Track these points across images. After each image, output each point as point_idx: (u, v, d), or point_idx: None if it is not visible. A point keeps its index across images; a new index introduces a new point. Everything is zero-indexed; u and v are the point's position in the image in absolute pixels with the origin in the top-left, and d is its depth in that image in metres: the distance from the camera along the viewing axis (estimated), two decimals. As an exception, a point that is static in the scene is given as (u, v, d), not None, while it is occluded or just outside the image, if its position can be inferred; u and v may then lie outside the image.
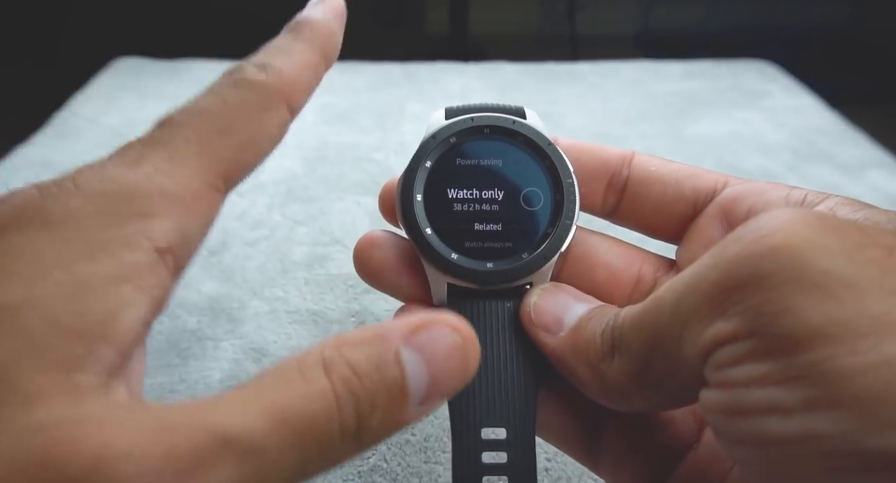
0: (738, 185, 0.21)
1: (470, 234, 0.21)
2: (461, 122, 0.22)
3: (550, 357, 0.20)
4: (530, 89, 0.65)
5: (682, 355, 0.15)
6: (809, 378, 0.12)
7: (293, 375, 0.14)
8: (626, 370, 0.17)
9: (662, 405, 0.18)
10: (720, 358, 0.14)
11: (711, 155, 0.54)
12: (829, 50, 1.31)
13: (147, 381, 0.32)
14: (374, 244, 0.22)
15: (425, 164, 0.22)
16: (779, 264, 0.13)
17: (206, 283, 0.38)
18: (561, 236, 0.21)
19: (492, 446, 0.20)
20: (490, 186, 0.22)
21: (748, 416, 0.13)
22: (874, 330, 0.12)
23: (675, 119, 0.60)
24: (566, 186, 0.22)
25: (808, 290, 0.13)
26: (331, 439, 0.14)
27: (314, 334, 0.35)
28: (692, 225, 0.22)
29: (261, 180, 0.48)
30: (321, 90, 0.20)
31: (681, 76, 0.70)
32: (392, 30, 1.31)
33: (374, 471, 0.28)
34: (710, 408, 0.15)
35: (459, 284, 0.21)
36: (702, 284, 0.15)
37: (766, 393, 0.13)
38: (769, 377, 0.13)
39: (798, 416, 0.12)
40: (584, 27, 1.25)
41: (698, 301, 0.15)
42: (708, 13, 1.31)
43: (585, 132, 0.57)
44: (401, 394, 0.15)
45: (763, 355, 0.13)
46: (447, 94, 0.63)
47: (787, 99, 0.65)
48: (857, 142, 0.58)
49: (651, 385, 0.17)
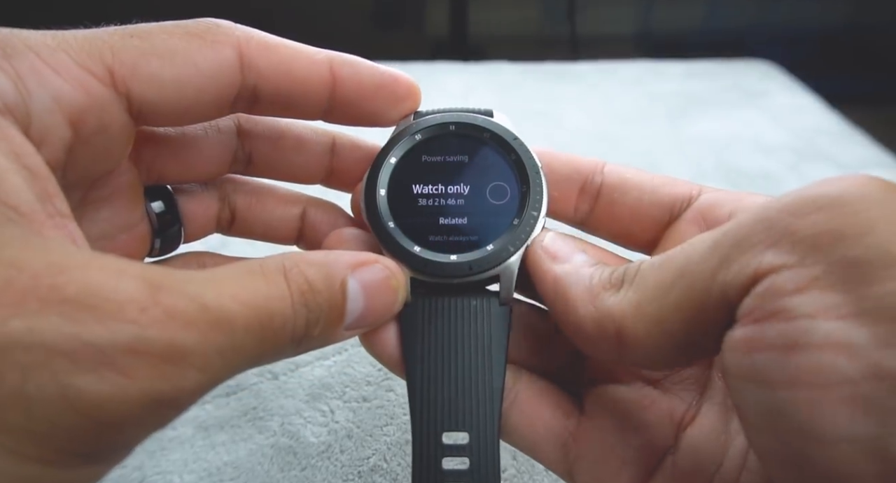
0: (714, 192, 0.22)
1: (434, 228, 0.21)
2: (427, 119, 0.22)
3: (548, 285, 0.19)
4: (530, 89, 0.65)
5: (713, 286, 0.14)
6: (887, 312, 0.11)
7: (257, 274, 0.16)
8: (632, 299, 0.16)
9: (656, 348, 0.16)
10: (776, 284, 0.13)
11: (711, 155, 0.54)
12: (829, 50, 1.31)
13: (147, 381, 0.32)
14: (341, 240, 0.22)
15: (390, 161, 0.22)
16: (861, 191, 0.12)
17: (206, 283, 0.38)
18: (527, 227, 0.21)
19: (453, 452, 0.19)
20: (456, 181, 0.22)
21: (807, 351, 0.12)
22: None
23: (675, 119, 0.60)
24: (532, 178, 0.21)
25: (891, 217, 0.12)
26: (282, 339, 0.16)
27: (314, 334, 0.35)
28: (669, 230, 0.22)
29: (261, 180, 0.48)
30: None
31: (681, 76, 0.70)
32: (392, 30, 1.31)
33: (374, 471, 0.28)
34: (750, 345, 0.13)
35: (422, 279, 0.21)
36: (765, 212, 0.14)
37: (834, 326, 0.12)
38: (838, 309, 0.12)
39: (869, 354, 0.11)
40: (584, 27, 1.25)
41: (755, 227, 0.14)
42: (708, 13, 1.31)
43: (585, 132, 0.57)
44: (339, 315, 0.17)
45: (832, 284, 0.12)
46: (447, 94, 0.63)
47: (787, 99, 0.65)
48: (857, 142, 0.58)
49: (655, 319, 0.16)
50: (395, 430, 0.30)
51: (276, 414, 0.30)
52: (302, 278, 0.16)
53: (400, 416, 0.30)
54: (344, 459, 0.29)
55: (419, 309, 0.21)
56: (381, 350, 0.21)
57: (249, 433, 0.30)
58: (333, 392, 0.32)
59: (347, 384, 0.32)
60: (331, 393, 0.32)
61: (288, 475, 0.28)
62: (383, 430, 0.30)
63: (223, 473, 0.28)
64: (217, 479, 0.28)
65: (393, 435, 0.30)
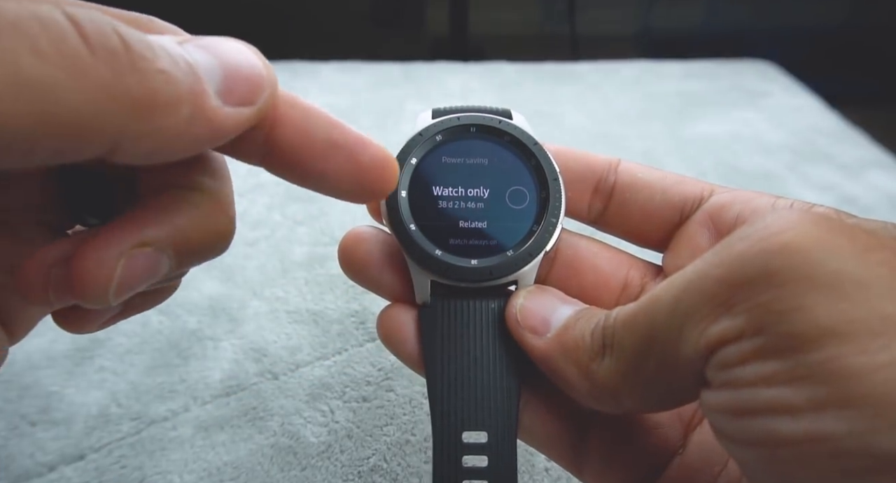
0: (725, 193, 0.21)
1: (455, 231, 0.21)
2: (447, 120, 0.22)
3: (537, 360, 0.20)
4: (530, 89, 0.65)
5: (680, 354, 0.15)
6: (818, 377, 0.12)
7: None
8: (618, 369, 0.17)
9: (654, 406, 0.18)
10: (725, 357, 0.14)
11: (711, 155, 0.54)
12: (829, 50, 1.31)
13: (147, 380, 0.32)
14: (359, 239, 0.22)
15: (411, 161, 0.22)
16: (789, 262, 0.13)
17: (206, 283, 0.38)
18: (546, 234, 0.21)
19: (472, 450, 0.20)
20: (476, 184, 0.22)
21: (755, 417, 0.13)
22: (885, 330, 0.12)
23: (675, 119, 0.60)
24: (551, 185, 0.22)
25: (818, 288, 0.13)
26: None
27: (314, 334, 0.35)
28: (679, 231, 0.22)
29: (261, 180, 0.48)
30: (321, 90, 0.20)
31: (681, 76, 0.70)
32: (392, 30, 1.31)
33: (374, 471, 0.28)
34: (714, 408, 0.14)
35: (443, 282, 0.21)
36: (705, 281, 0.14)
37: (774, 392, 0.13)
38: (777, 376, 0.13)
39: (807, 416, 0.12)
40: (584, 27, 1.25)
41: (701, 298, 0.14)
42: (708, 13, 1.31)
43: (585, 132, 0.57)
44: (196, 77, 0.14)
45: (771, 354, 0.13)
46: (447, 94, 0.63)
47: (787, 99, 0.65)
48: (857, 142, 0.58)
49: (644, 385, 0.17)
50: (395, 430, 0.30)
51: (276, 414, 0.30)
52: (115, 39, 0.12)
53: (400, 416, 0.30)
54: (344, 459, 0.29)
55: (438, 310, 0.21)
56: (401, 348, 0.21)
57: (249, 433, 0.30)
58: (333, 392, 0.32)
59: (347, 384, 0.32)
60: (331, 393, 0.32)
61: (288, 475, 0.28)
62: (383, 430, 0.30)
63: (223, 473, 0.28)
64: (217, 479, 0.28)
65: (393, 435, 0.30)
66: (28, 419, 0.30)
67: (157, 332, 0.35)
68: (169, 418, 0.30)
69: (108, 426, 0.30)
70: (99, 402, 0.31)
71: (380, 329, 0.22)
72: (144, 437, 0.29)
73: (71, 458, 0.29)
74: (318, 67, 0.68)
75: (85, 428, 0.30)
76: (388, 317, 0.22)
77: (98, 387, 0.32)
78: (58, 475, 0.28)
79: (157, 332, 0.35)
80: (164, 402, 0.31)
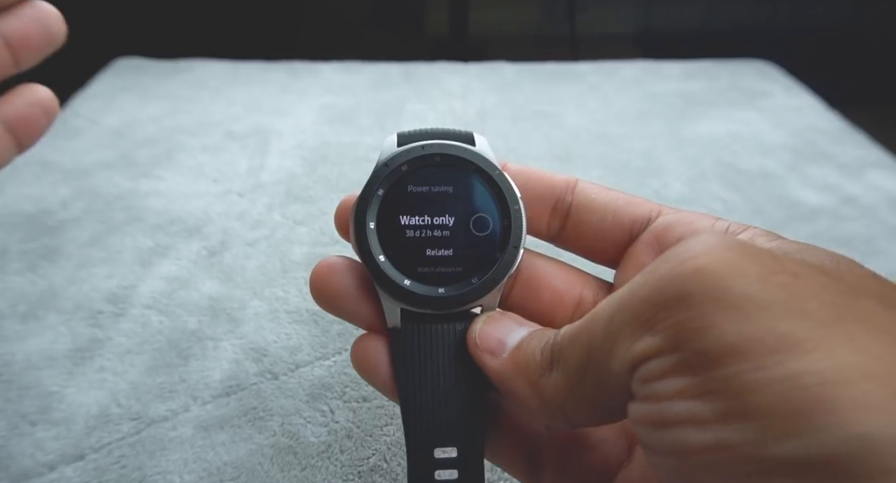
0: (671, 214, 0.23)
1: (422, 259, 0.22)
2: (413, 150, 0.23)
3: (493, 379, 0.21)
4: (530, 89, 0.65)
5: (612, 369, 0.16)
6: (723, 391, 0.13)
7: None
8: (563, 384, 0.18)
9: (597, 419, 0.19)
10: (646, 372, 0.15)
11: (711, 155, 0.54)
12: (829, 50, 1.31)
13: (147, 380, 0.32)
14: (332, 271, 0.23)
15: (378, 193, 0.22)
16: (701, 284, 0.14)
17: (206, 283, 0.38)
18: (509, 261, 0.22)
19: (444, 465, 0.21)
20: (441, 213, 0.23)
21: (670, 428, 0.14)
22: (780, 348, 0.13)
23: (675, 119, 0.60)
24: (513, 212, 0.22)
25: (725, 309, 0.14)
26: None
27: (314, 334, 0.35)
28: (628, 251, 0.23)
29: (261, 180, 0.48)
30: (321, 90, 0.20)
31: (680, 76, 0.70)
32: (392, 30, 1.31)
33: (374, 471, 0.28)
34: (638, 420, 0.15)
35: (412, 310, 0.22)
36: (632, 301, 0.16)
37: (687, 405, 0.14)
38: (689, 390, 0.14)
39: (712, 427, 0.13)
40: (584, 27, 1.25)
41: (629, 316, 0.16)
42: (708, 13, 1.31)
43: (585, 132, 0.57)
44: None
45: (684, 369, 0.14)
46: (447, 94, 0.63)
47: (786, 99, 0.65)
48: (857, 142, 0.58)
49: (586, 399, 0.18)
50: (395, 430, 0.30)
51: (276, 414, 0.31)
52: None
53: (400, 416, 0.30)
54: (344, 459, 0.29)
55: (408, 335, 0.22)
56: (374, 376, 0.23)
57: (249, 433, 0.30)
58: (333, 392, 0.32)
59: (347, 384, 0.32)
60: (331, 393, 0.32)
61: (288, 475, 0.28)
62: (383, 430, 0.30)
63: (223, 473, 0.28)
64: (217, 479, 0.28)
65: (393, 435, 0.30)
66: (28, 419, 0.30)
67: (157, 332, 0.35)
68: (169, 418, 0.30)
69: (108, 426, 0.30)
70: (99, 402, 0.31)
71: (353, 358, 0.23)
72: (144, 437, 0.29)
73: (71, 458, 0.29)
74: (318, 67, 0.68)
75: (85, 428, 0.30)
76: (361, 348, 0.23)
77: (98, 387, 0.32)
78: (58, 475, 0.28)
79: (157, 332, 0.35)
80: (164, 402, 0.31)
